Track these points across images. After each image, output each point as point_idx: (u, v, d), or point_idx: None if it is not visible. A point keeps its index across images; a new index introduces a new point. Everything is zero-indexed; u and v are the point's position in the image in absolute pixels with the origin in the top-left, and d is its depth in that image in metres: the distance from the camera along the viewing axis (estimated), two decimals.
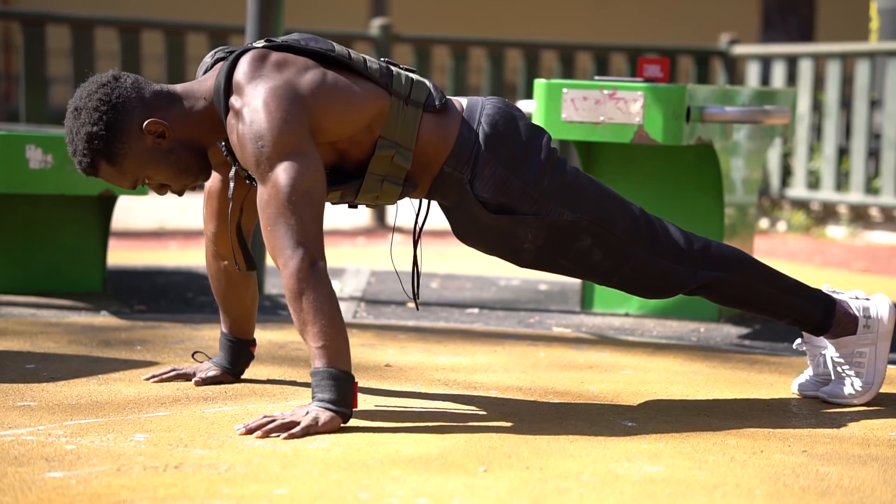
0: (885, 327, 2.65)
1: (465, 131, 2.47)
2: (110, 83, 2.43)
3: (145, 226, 6.35)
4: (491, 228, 2.50)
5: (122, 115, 2.42)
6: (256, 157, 2.35)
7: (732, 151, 3.68)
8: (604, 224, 2.51)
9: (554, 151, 2.52)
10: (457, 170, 2.47)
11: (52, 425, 2.37)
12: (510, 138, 2.48)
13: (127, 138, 2.42)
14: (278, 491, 1.98)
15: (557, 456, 2.23)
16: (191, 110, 2.45)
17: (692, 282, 2.56)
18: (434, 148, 2.47)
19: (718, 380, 2.94)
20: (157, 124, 2.42)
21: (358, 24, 12.28)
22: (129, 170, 2.44)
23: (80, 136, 2.42)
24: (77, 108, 2.43)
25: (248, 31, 3.79)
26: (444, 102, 2.49)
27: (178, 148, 2.45)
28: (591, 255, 2.53)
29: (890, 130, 6.09)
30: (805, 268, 5.16)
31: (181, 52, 6.05)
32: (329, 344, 2.31)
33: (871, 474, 2.17)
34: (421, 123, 2.46)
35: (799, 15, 7.92)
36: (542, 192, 2.48)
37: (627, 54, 6.82)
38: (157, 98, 2.45)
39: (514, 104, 2.56)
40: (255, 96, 2.37)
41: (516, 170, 2.47)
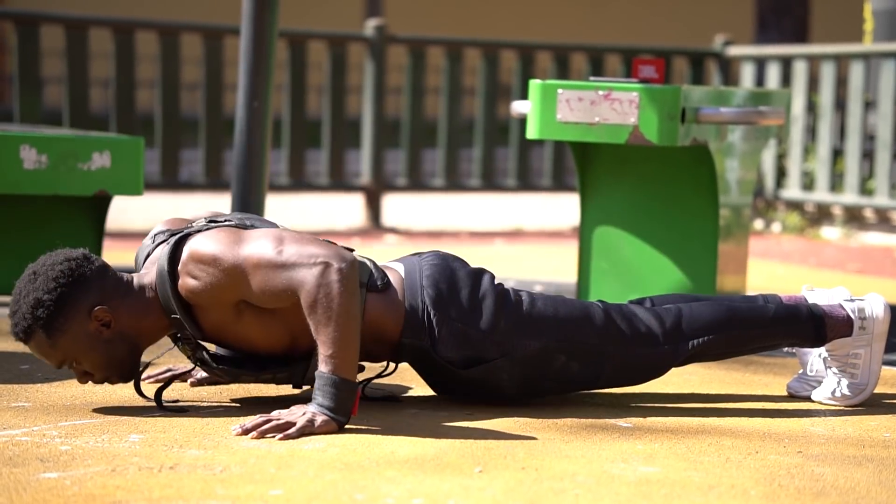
0: (880, 327, 2.65)
1: (412, 300, 2.49)
2: (77, 260, 2.42)
3: (140, 226, 6.35)
4: (467, 382, 2.53)
5: (77, 294, 2.39)
6: (224, 273, 2.35)
7: (727, 152, 3.69)
8: (571, 338, 2.53)
9: (499, 289, 2.54)
10: (415, 339, 2.49)
11: (46, 426, 2.36)
12: (455, 294, 2.50)
13: (72, 317, 2.39)
14: (273, 492, 1.98)
15: (553, 456, 2.22)
16: (140, 303, 2.44)
17: (677, 357, 2.58)
18: (386, 324, 2.48)
19: (713, 381, 2.94)
20: (105, 313, 2.40)
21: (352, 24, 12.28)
22: (62, 347, 2.40)
23: (28, 300, 2.38)
24: (35, 272, 2.41)
25: (242, 31, 3.79)
26: (385, 282, 2.49)
27: (117, 340, 2.43)
28: (570, 370, 2.55)
29: (884, 132, 6.10)
30: (800, 269, 5.16)
31: (175, 53, 6.04)
32: (337, 353, 2.32)
33: (866, 475, 2.17)
34: (366, 303, 2.47)
35: (793, 16, 7.93)
36: (502, 334, 2.50)
37: (622, 55, 6.82)
38: (115, 287, 2.43)
39: (449, 254, 2.58)
40: (193, 245, 2.38)
41: (471, 321, 2.49)
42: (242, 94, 3.58)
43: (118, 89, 5.92)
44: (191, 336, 2.44)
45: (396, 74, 7.16)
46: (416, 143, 6.57)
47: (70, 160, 3.60)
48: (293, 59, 6.27)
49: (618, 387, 2.63)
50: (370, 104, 6.44)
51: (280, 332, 2.44)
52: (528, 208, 7.60)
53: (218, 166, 6.17)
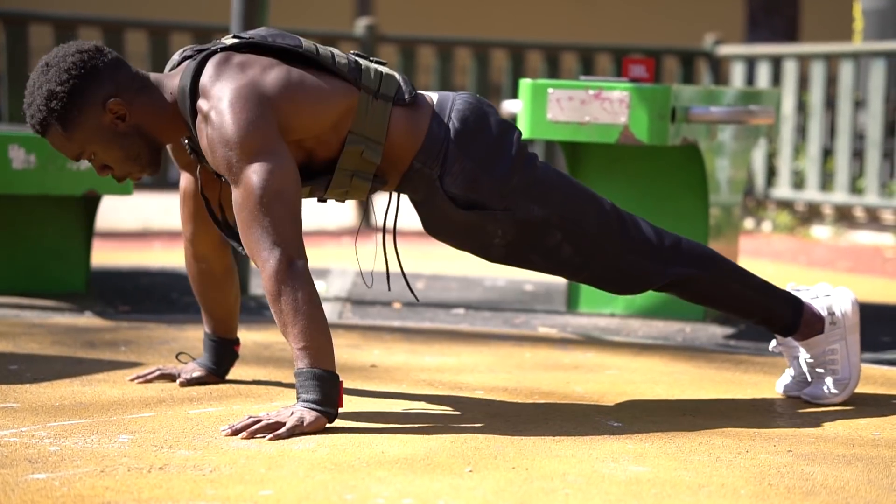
0: (850, 320, 2.66)
1: (435, 126, 2.46)
2: (90, 51, 2.40)
3: (130, 226, 6.33)
4: (460, 224, 2.49)
5: (90, 85, 2.38)
6: (227, 161, 2.34)
7: (717, 151, 3.69)
8: (574, 220, 2.51)
9: (524, 147, 2.52)
10: (426, 166, 2.46)
11: (35, 427, 2.36)
12: (480, 134, 2.47)
13: (87, 109, 2.39)
14: (263, 492, 1.98)
15: (543, 456, 2.22)
16: (157, 102, 2.43)
17: (662, 278, 2.56)
18: (404, 143, 2.46)
19: (704, 380, 2.94)
20: (120, 105, 2.40)
21: (343, 23, 12.28)
22: (78, 140, 2.40)
23: (41, 92, 2.38)
24: (48, 63, 2.40)
25: (232, 30, 3.78)
26: (413, 96, 2.48)
27: (133, 134, 2.42)
28: (562, 251, 2.52)
29: (874, 131, 6.11)
30: (790, 268, 5.17)
31: (165, 52, 6.03)
32: (311, 344, 2.31)
33: (855, 474, 2.17)
34: (391, 117, 2.45)
35: (783, 15, 7.94)
36: (511, 189, 2.48)
37: (613, 54, 6.83)
38: (130, 80, 2.42)
39: (485, 99, 2.56)
40: (221, 98, 2.36)
41: (486, 166, 2.46)
42: None
43: None
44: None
45: None
46: None
47: (59, 160, 3.59)
48: None
49: (596, 286, 2.60)
50: None
51: (294, 150, 2.42)
52: None
53: None
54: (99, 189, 3.64)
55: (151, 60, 6.01)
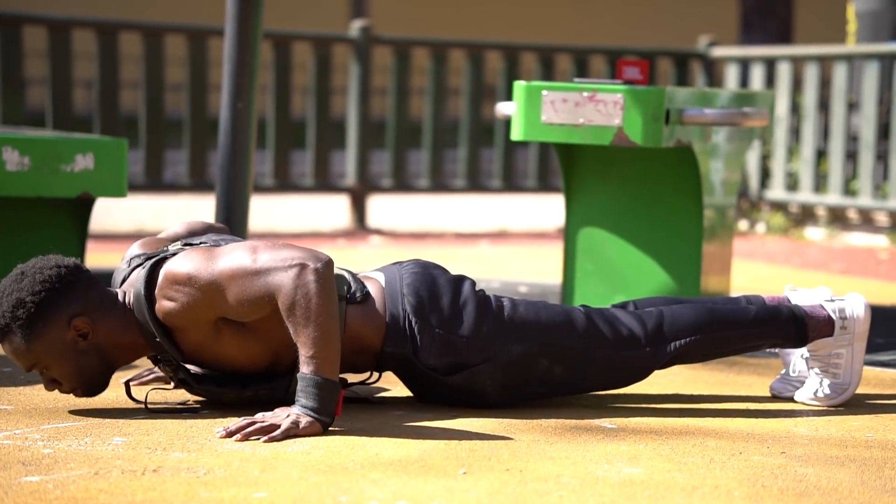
0: (861, 327, 2.66)
1: (393, 309, 2.49)
2: (68, 268, 2.41)
3: (124, 228, 6.33)
4: (450, 388, 2.53)
5: (59, 301, 2.38)
6: (201, 292, 2.35)
7: (711, 153, 3.70)
8: (554, 343, 2.53)
9: (481, 295, 2.54)
10: (398, 348, 2.49)
11: (28, 429, 2.35)
12: (436, 301, 2.50)
13: (52, 323, 2.38)
14: (257, 494, 1.98)
15: (537, 458, 2.23)
16: (122, 321, 2.43)
17: (659, 359, 2.58)
18: (368, 335, 2.49)
19: (698, 381, 2.94)
20: (85, 324, 2.40)
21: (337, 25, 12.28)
22: (36, 352, 2.39)
23: (10, 299, 2.38)
24: (24, 273, 2.41)
25: (227, 32, 3.78)
26: (364, 293, 2.49)
27: (91, 353, 2.43)
28: (553, 374, 2.55)
29: (867, 133, 6.12)
30: (784, 269, 5.18)
31: (159, 54, 6.03)
32: (318, 353, 2.31)
33: (848, 475, 2.18)
34: (346, 316, 2.47)
35: (777, 17, 7.95)
36: (484, 339, 2.50)
37: (607, 56, 6.83)
38: (99, 301, 2.43)
39: (430, 262, 2.58)
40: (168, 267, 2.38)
41: (453, 328, 2.49)
42: (227, 95, 3.57)
43: (102, 90, 5.90)
44: (171, 358, 2.44)
45: (381, 75, 7.16)
46: (401, 144, 6.57)
47: (53, 162, 3.59)
48: (278, 60, 6.26)
49: (601, 390, 2.64)
50: (355, 105, 6.43)
51: (260, 349, 2.44)
52: (513, 209, 7.60)
53: (202, 167, 6.16)
54: (93, 191, 3.64)
55: (146, 62, 6.01)
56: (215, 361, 2.46)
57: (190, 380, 2.46)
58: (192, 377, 2.47)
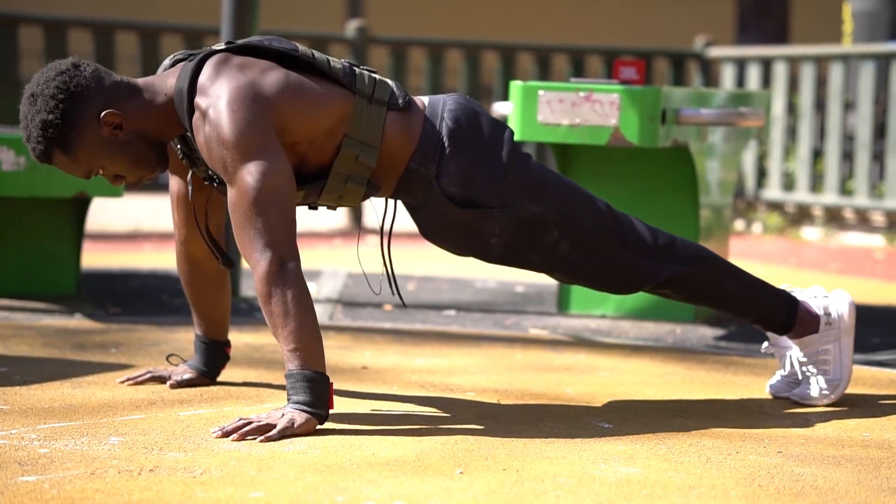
0: (846, 323, 2.67)
1: (429, 128, 2.47)
2: (69, 71, 2.41)
3: (120, 228, 6.32)
4: (458, 224, 2.50)
5: (80, 105, 2.38)
6: (222, 159, 2.34)
7: (708, 153, 3.70)
8: (570, 217, 2.52)
9: (517, 146, 2.53)
10: (423, 166, 2.47)
11: (25, 429, 2.35)
12: (474, 133, 2.49)
13: (83, 128, 2.39)
14: (254, 494, 1.98)
15: (534, 458, 2.23)
16: (150, 104, 2.43)
17: (658, 275, 2.57)
18: (399, 146, 2.47)
19: (694, 381, 2.94)
20: (114, 115, 2.40)
21: (334, 25, 12.27)
22: (84, 159, 2.41)
23: (35, 124, 2.39)
24: (34, 94, 2.40)
25: (223, 32, 3.78)
26: (407, 101, 2.49)
27: (134, 140, 2.43)
28: (559, 249, 2.53)
29: (863, 132, 6.13)
30: (780, 269, 5.18)
31: (156, 54, 6.02)
32: (301, 346, 2.31)
33: (845, 475, 2.18)
34: (385, 122, 2.46)
35: (773, 17, 7.96)
36: (508, 186, 2.48)
37: (603, 56, 6.83)
38: (116, 89, 2.42)
39: (475, 101, 2.58)
40: (220, 97, 2.36)
41: (481, 164, 2.47)
42: None
43: None
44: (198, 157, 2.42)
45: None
46: None
47: None
48: None
49: (593, 287, 2.61)
50: None
51: (289, 154, 2.41)
52: None
53: None
54: (89, 191, 3.63)
55: (142, 62, 6.01)
56: None
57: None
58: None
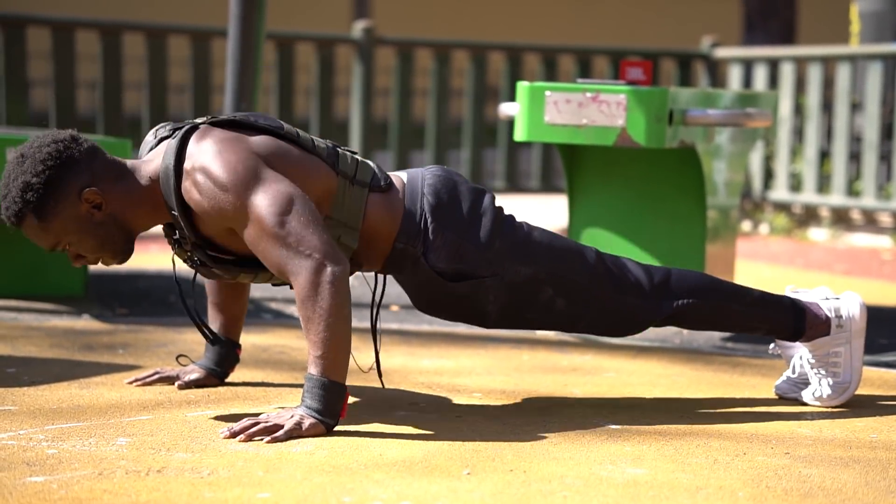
0: (857, 325, 2.67)
1: (410, 206, 2.48)
2: (65, 141, 2.39)
3: None
4: (452, 297, 2.51)
5: (65, 176, 2.36)
6: (227, 204, 2.33)
7: (715, 154, 3.69)
8: (562, 273, 2.52)
9: (499, 211, 2.54)
10: (409, 245, 2.47)
11: (33, 430, 2.36)
12: (455, 205, 2.49)
13: (62, 200, 2.37)
14: (261, 495, 1.98)
15: (541, 459, 2.23)
16: (134, 188, 2.41)
17: (659, 313, 2.57)
18: (382, 226, 2.47)
19: (701, 382, 2.94)
20: (95, 195, 2.38)
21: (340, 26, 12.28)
22: (54, 231, 2.38)
23: (17, 184, 2.36)
24: (24, 154, 2.38)
25: (230, 33, 3.79)
26: (388, 182, 2.49)
27: (108, 223, 2.41)
28: (555, 305, 2.54)
29: (871, 133, 6.12)
30: (787, 270, 5.17)
31: (163, 55, 6.03)
32: (327, 355, 2.31)
33: (852, 476, 2.18)
34: (367, 203, 2.46)
35: (780, 18, 7.95)
36: (496, 253, 2.49)
37: (610, 57, 6.83)
38: (105, 169, 2.40)
39: (453, 170, 2.58)
40: (205, 151, 2.35)
41: (467, 235, 2.48)
42: (230, 95, 3.57)
43: (105, 91, 5.90)
44: (188, 235, 2.42)
45: (384, 76, 7.16)
46: (405, 145, 6.57)
47: None
48: (281, 61, 6.27)
49: (596, 334, 2.61)
50: (358, 106, 6.43)
51: None
52: (517, 210, 7.58)
53: None
54: None
55: (149, 63, 6.02)
56: (231, 246, 2.43)
57: (207, 261, 2.43)
58: (209, 258, 2.43)
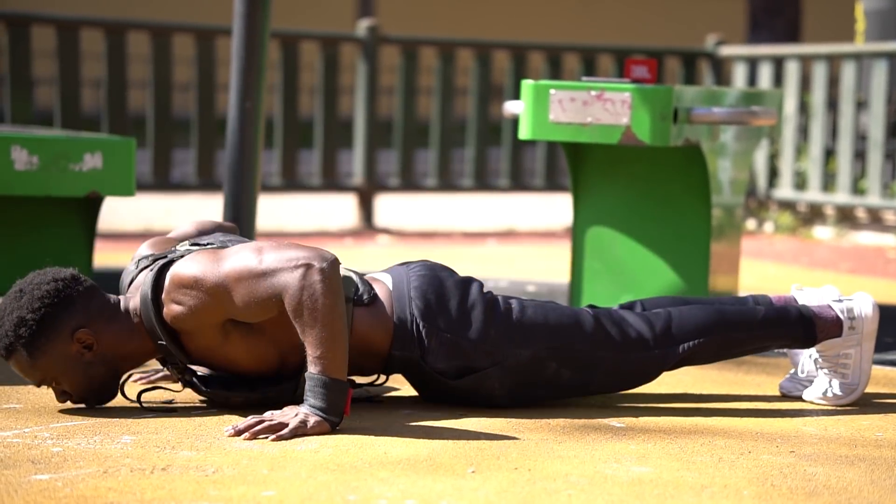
0: (869, 326, 2.65)
1: (401, 313, 2.48)
2: (65, 280, 2.40)
3: (132, 227, 6.34)
4: (458, 392, 2.52)
5: (61, 315, 2.38)
6: (207, 291, 2.33)
7: (719, 152, 3.69)
8: (562, 346, 2.53)
9: (489, 297, 2.53)
10: (405, 351, 2.48)
11: (38, 427, 2.36)
12: (444, 304, 2.49)
13: (54, 338, 2.38)
14: (266, 493, 1.98)
15: (546, 457, 2.22)
16: (125, 328, 2.43)
17: (668, 360, 2.58)
18: (374, 338, 2.48)
19: (706, 381, 2.94)
20: (87, 335, 2.39)
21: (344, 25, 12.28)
22: (42, 367, 2.40)
23: (11, 318, 2.37)
24: (22, 290, 2.40)
25: (234, 31, 3.79)
26: (372, 296, 2.49)
27: (97, 364, 2.42)
28: (561, 377, 2.55)
29: (876, 131, 6.11)
30: (792, 269, 5.17)
31: (167, 53, 6.03)
32: (325, 353, 2.31)
33: (858, 475, 2.17)
34: (353, 319, 2.46)
35: (785, 16, 7.94)
36: (493, 343, 2.49)
37: (615, 55, 6.82)
38: (101, 310, 2.42)
39: (437, 264, 2.57)
40: (176, 270, 2.37)
41: (461, 332, 2.48)
42: (234, 94, 3.57)
43: (110, 90, 5.91)
44: (178, 361, 2.44)
45: (389, 75, 7.16)
46: (409, 144, 6.57)
47: (61, 161, 3.60)
48: (285, 59, 6.27)
49: (610, 392, 2.64)
50: (362, 105, 6.43)
51: (268, 351, 2.43)
52: (521, 208, 7.60)
53: (210, 167, 6.17)
54: (101, 190, 3.64)
55: (153, 62, 6.02)
56: (223, 364, 2.46)
57: (198, 382, 2.46)
58: (199, 379, 2.47)
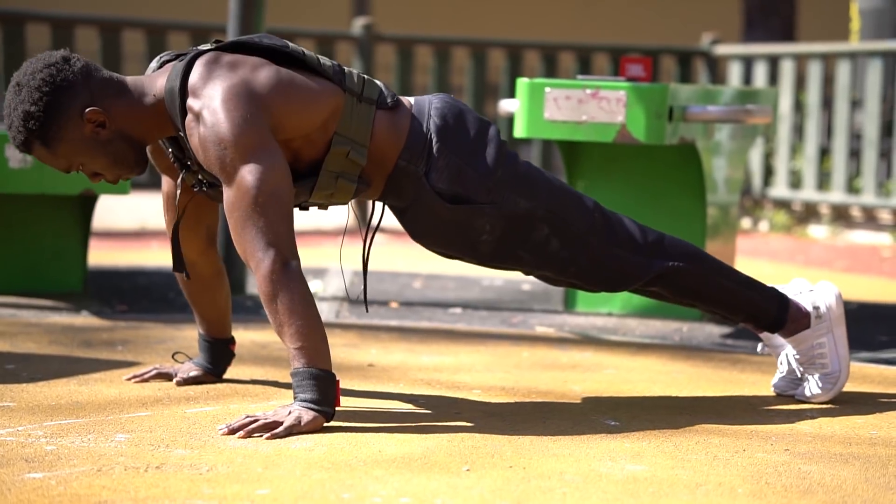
0: (835, 312, 2.67)
1: (417, 125, 2.48)
2: (57, 64, 2.38)
3: (126, 226, 6.33)
4: (448, 221, 2.50)
5: (64, 99, 2.36)
6: (220, 159, 2.34)
7: (715, 151, 3.69)
8: (560, 214, 2.53)
9: (504, 144, 2.55)
10: (412, 163, 2.47)
11: (31, 426, 2.35)
12: (461, 130, 2.50)
13: (65, 123, 2.37)
14: (260, 491, 1.98)
15: (540, 455, 2.22)
16: (138, 103, 2.42)
17: (648, 271, 2.57)
18: (388, 143, 2.48)
19: (701, 379, 2.94)
20: (97, 113, 2.38)
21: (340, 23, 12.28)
22: (63, 154, 2.40)
23: (18, 114, 2.37)
24: (19, 83, 2.38)
25: (229, 30, 3.78)
26: (395, 100, 2.50)
27: (116, 139, 2.41)
28: (549, 245, 2.54)
29: (871, 130, 6.12)
30: (787, 267, 5.17)
31: (162, 52, 6.02)
32: (307, 344, 2.31)
33: (852, 473, 2.17)
34: (374, 120, 2.47)
35: (780, 15, 7.95)
36: (496, 182, 2.49)
37: (610, 54, 6.83)
38: (104, 86, 2.40)
39: (461, 100, 2.58)
40: (213, 97, 2.35)
41: (470, 160, 2.48)
42: None
43: None
44: (193, 157, 2.42)
45: (384, 73, 7.15)
46: None
47: None
48: None
49: (582, 285, 2.60)
50: None
51: (283, 150, 2.40)
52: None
53: None
54: (96, 189, 3.64)
55: (149, 60, 6.01)
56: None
57: (214, 181, 2.43)
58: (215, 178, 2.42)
